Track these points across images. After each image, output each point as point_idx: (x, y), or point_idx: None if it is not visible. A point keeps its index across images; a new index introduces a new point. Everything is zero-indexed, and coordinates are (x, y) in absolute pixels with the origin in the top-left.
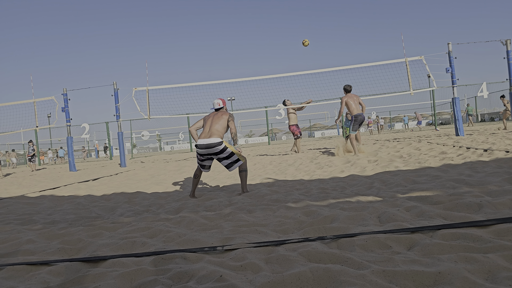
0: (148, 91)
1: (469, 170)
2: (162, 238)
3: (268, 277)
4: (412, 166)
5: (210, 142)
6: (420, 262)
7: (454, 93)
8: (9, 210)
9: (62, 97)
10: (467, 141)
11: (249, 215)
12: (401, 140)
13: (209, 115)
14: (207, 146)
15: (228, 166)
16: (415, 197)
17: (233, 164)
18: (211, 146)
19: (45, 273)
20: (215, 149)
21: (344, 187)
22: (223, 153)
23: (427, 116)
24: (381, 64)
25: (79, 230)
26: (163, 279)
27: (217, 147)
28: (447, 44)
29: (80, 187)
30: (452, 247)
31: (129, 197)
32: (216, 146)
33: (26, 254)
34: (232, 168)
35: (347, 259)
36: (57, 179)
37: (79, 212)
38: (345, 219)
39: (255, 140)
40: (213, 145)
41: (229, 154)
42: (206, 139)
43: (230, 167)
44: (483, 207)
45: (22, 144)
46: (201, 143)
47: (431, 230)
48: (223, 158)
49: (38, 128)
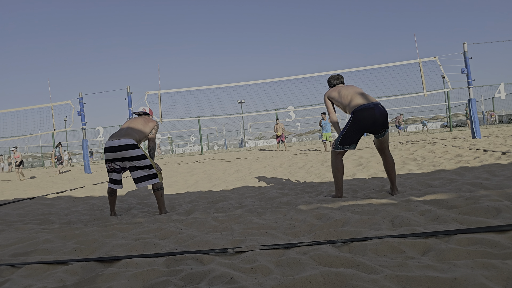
0: (160, 94)
1: (486, 173)
2: (174, 239)
3: (278, 280)
4: (426, 169)
5: (122, 144)
6: (435, 267)
7: (470, 94)
8: (27, 211)
9: (78, 101)
10: (484, 143)
11: (260, 217)
12: (415, 142)
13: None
14: (118, 149)
15: (141, 180)
16: (430, 200)
17: (147, 179)
18: (123, 149)
19: (62, 272)
20: (128, 153)
21: (356, 190)
22: (138, 161)
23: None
24: (394, 65)
25: (94, 231)
26: (175, 280)
27: (130, 150)
28: (462, 44)
29: (95, 189)
30: (469, 252)
31: (141, 198)
32: (130, 149)
33: (43, 253)
34: (144, 183)
35: (359, 263)
36: (72, 181)
37: (94, 213)
38: (357, 223)
39: (265, 143)
40: (126, 148)
41: (147, 165)
42: (116, 140)
43: (142, 182)
44: (502, 212)
45: (40, 146)
46: (110, 145)
47: (447, 235)
48: (138, 167)
49: (55, 131)
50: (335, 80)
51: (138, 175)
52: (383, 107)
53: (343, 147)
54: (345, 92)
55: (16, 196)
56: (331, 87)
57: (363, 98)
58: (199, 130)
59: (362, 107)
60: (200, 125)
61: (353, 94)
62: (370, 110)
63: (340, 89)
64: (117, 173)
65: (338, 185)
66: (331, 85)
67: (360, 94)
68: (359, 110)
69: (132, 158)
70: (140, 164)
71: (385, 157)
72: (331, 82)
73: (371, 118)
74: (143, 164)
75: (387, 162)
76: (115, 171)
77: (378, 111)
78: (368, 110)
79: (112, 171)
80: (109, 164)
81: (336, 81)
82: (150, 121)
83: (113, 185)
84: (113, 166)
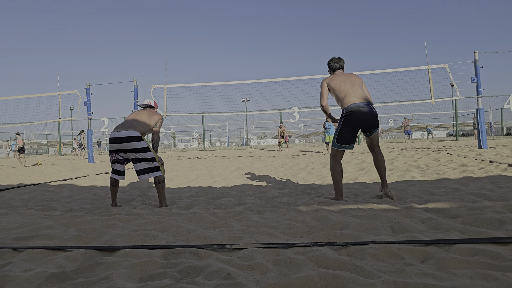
0: (166, 88)
1: (491, 184)
2: (173, 232)
3: (275, 278)
4: (429, 177)
5: (126, 136)
6: (434, 275)
7: (479, 104)
8: (31, 197)
9: (85, 91)
10: (491, 154)
11: (259, 216)
12: (419, 149)
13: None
14: (122, 140)
15: (143, 172)
16: (432, 209)
17: (150, 171)
18: (127, 140)
19: (62, 258)
20: (132, 144)
21: (357, 194)
22: (141, 153)
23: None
24: (403, 70)
25: (94, 220)
26: (172, 272)
27: (134, 142)
28: (474, 53)
29: (97, 179)
30: (469, 263)
31: (143, 190)
32: (134, 141)
33: (44, 239)
34: (146, 175)
35: (357, 267)
36: (76, 170)
37: (95, 202)
38: (357, 227)
39: (267, 142)
40: (130, 139)
41: (150, 158)
42: (121, 132)
43: (144, 174)
44: (505, 224)
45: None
46: (115, 136)
47: (447, 244)
48: (141, 159)
49: (61, 120)
50: (336, 63)
51: (141, 167)
52: (374, 108)
53: (341, 145)
54: (342, 86)
55: (20, 182)
56: (331, 70)
57: (357, 96)
58: (202, 126)
59: (353, 106)
60: (203, 121)
61: (348, 90)
62: (361, 109)
63: (339, 81)
64: (120, 164)
65: (337, 187)
66: (331, 68)
67: (355, 91)
68: (350, 108)
69: (135, 150)
70: (143, 156)
71: (375, 154)
72: (331, 65)
73: (362, 117)
74: (146, 157)
75: (378, 160)
76: (118, 162)
77: (368, 111)
78: (359, 109)
79: (116, 162)
80: (113, 155)
81: (336, 65)
82: (154, 114)
83: (115, 176)
84: (116, 157)
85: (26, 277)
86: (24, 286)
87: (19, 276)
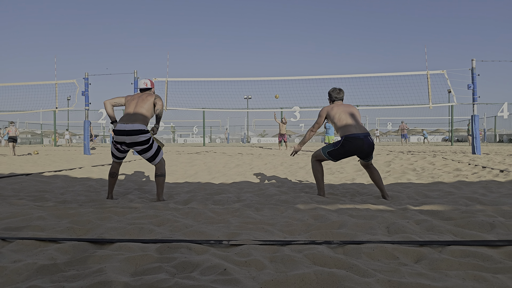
0: (167, 82)
1: (483, 189)
2: (169, 227)
3: (271, 275)
4: (425, 180)
5: (133, 129)
6: (427, 276)
7: (474, 111)
8: (22, 187)
9: (83, 81)
10: (484, 160)
11: (257, 213)
12: (416, 153)
13: (133, 96)
14: (129, 133)
15: (152, 159)
16: (426, 211)
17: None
18: (133, 134)
19: (53, 250)
20: (137, 137)
21: (354, 195)
22: (145, 145)
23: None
24: (402, 75)
25: (89, 212)
26: (168, 267)
27: (140, 135)
28: (471, 61)
29: (93, 171)
30: (461, 264)
31: (139, 184)
32: (139, 134)
33: (36, 229)
34: (157, 159)
35: (353, 266)
36: (70, 161)
37: (90, 194)
38: (353, 226)
39: (268, 140)
40: (136, 133)
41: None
42: (128, 125)
43: (154, 159)
44: (496, 227)
45: (40, 124)
46: (121, 128)
47: (441, 245)
48: (145, 149)
49: (57, 109)
50: (337, 95)
51: (148, 156)
52: (371, 139)
53: (330, 158)
54: (342, 116)
55: (12, 171)
56: (330, 99)
57: (356, 127)
58: (203, 121)
59: (352, 136)
60: (204, 117)
61: (348, 120)
62: (359, 140)
63: (339, 111)
64: (122, 153)
65: (319, 185)
66: (331, 98)
67: (354, 121)
68: (350, 138)
69: (141, 143)
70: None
71: (370, 170)
72: (332, 95)
73: (359, 148)
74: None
75: (374, 175)
76: (120, 151)
77: (366, 142)
78: (357, 140)
79: (117, 150)
80: (118, 145)
81: (337, 96)
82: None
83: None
84: (118, 148)
85: (15, 268)
86: (13, 278)
87: (7, 267)
